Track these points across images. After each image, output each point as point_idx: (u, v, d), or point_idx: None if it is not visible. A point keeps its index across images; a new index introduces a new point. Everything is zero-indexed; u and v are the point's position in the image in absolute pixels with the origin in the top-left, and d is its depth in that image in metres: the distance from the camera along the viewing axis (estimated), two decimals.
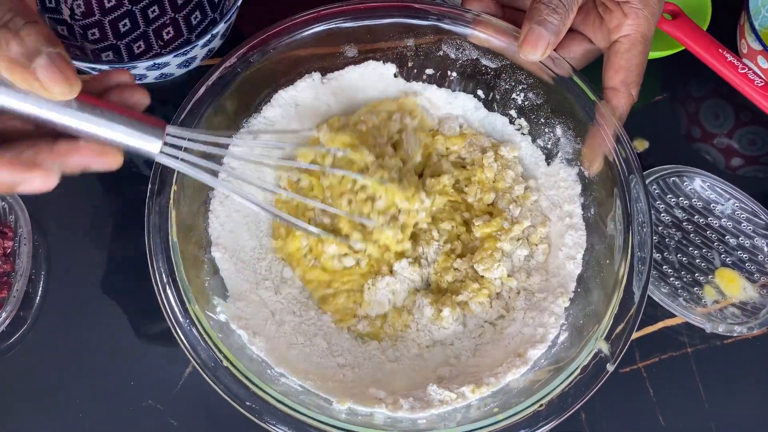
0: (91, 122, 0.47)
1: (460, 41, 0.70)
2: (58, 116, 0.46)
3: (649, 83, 0.84)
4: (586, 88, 0.66)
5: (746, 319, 0.69)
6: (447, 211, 0.69)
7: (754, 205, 0.75)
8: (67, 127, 0.47)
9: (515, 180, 0.70)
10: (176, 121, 0.62)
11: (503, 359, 0.61)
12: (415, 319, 0.65)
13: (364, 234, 0.65)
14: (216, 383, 0.54)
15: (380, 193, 0.64)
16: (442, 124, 0.73)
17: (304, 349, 0.62)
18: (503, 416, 0.54)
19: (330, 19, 0.68)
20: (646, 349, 0.70)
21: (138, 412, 0.65)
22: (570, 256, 0.66)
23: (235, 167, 0.66)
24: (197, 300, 0.57)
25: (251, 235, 0.67)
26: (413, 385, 0.61)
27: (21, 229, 0.68)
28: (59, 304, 0.69)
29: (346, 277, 0.66)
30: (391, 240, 0.65)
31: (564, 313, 0.63)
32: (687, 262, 0.73)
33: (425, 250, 0.67)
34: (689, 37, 0.75)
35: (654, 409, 0.67)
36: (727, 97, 0.83)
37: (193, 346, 0.55)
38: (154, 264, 0.57)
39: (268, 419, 0.53)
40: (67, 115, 0.46)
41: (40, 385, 0.65)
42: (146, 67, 0.68)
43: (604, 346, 0.57)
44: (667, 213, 0.75)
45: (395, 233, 0.65)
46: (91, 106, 0.47)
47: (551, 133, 0.70)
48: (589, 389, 0.55)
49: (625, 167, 0.63)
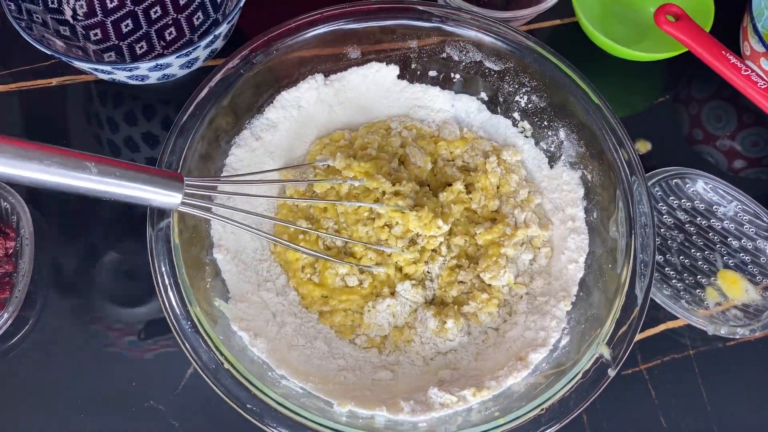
0: (113, 186, 0.51)
1: (463, 43, 0.70)
2: (82, 184, 0.50)
3: (651, 85, 0.84)
4: (589, 91, 0.66)
5: (748, 322, 0.69)
6: (462, 224, 0.68)
7: (757, 207, 0.74)
8: (90, 190, 0.50)
9: (519, 184, 0.70)
10: (178, 121, 0.62)
11: (504, 363, 0.61)
12: (419, 332, 0.64)
13: (379, 256, 0.65)
14: (217, 385, 0.54)
15: (396, 219, 0.64)
16: (442, 129, 0.73)
17: (305, 351, 0.63)
18: (504, 420, 0.54)
19: (333, 21, 0.68)
20: (649, 352, 0.70)
21: (139, 413, 0.65)
22: (572, 260, 0.66)
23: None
24: (199, 302, 0.58)
25: (253, 237, 0.67)
26: (414, 388, 0.61)
27: (23, 229, 0.68)
28: (61, 304, 0.69)
29: (345, 296, 0.65)
30: (410, 262, 0.65)
31: (566, 317, 0.63)
32: (689, 264, 0.72)
33: (431, 266, 0.67)
34: (692, 38, 0.75)
35: (656, 411, 0.67)
36: (729, 99, 0.83)
37: (194, 347, 0.55)
38: (156, 266, 0.57)
39: (269, 422, 0.53)
40: (90, 183, 0.50)
41: (42, 386, 0.65)
42: (148, 67, 0.68)
43: (606, 351, 0.57)
44: (669, 215, 0.74)
45: (414, 257, 0.65)
46: (110, 169, 0.50)
47: (554, 136, 0.70)
48: (590, 394, 0.55)
49: (628, 169, 0.63)
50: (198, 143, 0.63)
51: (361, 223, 0.65)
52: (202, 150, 0.64)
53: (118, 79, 0.71)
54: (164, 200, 0.54)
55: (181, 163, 0.61)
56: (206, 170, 0.65)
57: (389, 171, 0.67)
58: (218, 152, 0.67)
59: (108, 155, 0.75)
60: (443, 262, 0.67)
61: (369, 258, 0.65)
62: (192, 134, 0.62)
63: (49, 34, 0.73)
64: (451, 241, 0.67)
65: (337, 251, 0.66)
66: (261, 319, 0.63)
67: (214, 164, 0.66)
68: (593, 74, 0.68)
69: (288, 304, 0.65)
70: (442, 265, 0.67)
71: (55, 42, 0.73)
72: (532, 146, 0.72)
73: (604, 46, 0.80)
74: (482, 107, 0.74)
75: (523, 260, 0.67)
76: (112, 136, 0.77)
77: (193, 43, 0.69)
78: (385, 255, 0.65)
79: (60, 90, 0.79)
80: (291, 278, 0.66)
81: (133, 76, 0.70)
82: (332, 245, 0.67)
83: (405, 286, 0.65)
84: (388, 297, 0.65)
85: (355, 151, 0.69)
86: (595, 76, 0.68)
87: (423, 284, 0.66)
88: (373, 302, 0.65)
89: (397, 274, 0.66)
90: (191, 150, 0.62)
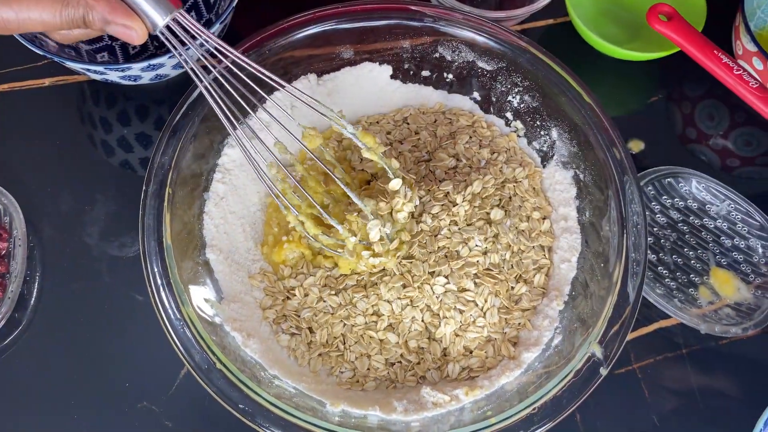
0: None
1: (456, 43, 0.70)
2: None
3: (644, 84, 0.85)
4: (581, 91, 0.66)
5: (741, 320, 0.69)
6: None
7: (749, 206, 0.75)
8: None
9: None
10: (171, 122, 0.62)
11: (497, 362, 0.61)
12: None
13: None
14: (209, 385, 0.54)
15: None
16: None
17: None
18: (496, 419, 0.54)
19: (326, 21, 0.68)
20: (642, 351, 0.70)
21: (133, 414, 0.65)
22: (565, 259, 0.66)
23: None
24: (191, 302, 0.58)
25: (246, 237, 0.67)
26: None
27: (16, 230, 0.68)
28: (54, 305, 0.69)
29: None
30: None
31: (558, 316, 0.63)
32: (682, 263, 0.73)
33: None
34: (684, 38, 0.75)
35: (649, 410, 0.68)
36: (722, 98, 0.83)
37: (187, 348, 0.55)
38: (148, 266, 0.57)
39: (261, 422, 0.53)
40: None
41: (35, 387, 0.65)
42: (141, 68, 0.68)
43: (598, 350, 0.57)
44: (662, 214, 0.75)
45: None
46: None
47: (547, 135, 0.70)
48: (582, 393, 0.55)
49: (620, 169, 0.63)
50: (190, 143, 0.63)
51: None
52: (194, 150, 0.64)
53: (111, 80, 0.71)
54: (149, 11, 0.56)
55: (173, 162, 0.61)
56: (198, 170, 0.65)
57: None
58: (211, 152, 0.67)
59: (101, 156, 0.75)
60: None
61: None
62: (184, 134, 0.62)
63: (42, 34, 0.73)
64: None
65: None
66: (254, 320, 0.63)
67: (207, 164, 0.66)
68: (586, 74, 0.68)
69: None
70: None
71: (48, 42, 0.72)
72: (525, 146, 0.72)
73: (597, 45, 0.80)
74: (475, 107, 0.74)
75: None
76: (105, 137, 0.77)
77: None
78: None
79: (53, 90, 0.79)
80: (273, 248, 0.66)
81: (125, 76, 0.70)
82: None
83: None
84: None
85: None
86: (588, 75, 0.68)
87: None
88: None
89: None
90: (183, 150, 0.62)
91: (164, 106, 0.78)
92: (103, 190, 0.74)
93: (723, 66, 0.74)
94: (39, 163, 0.75)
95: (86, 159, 0.76)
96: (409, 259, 0.64)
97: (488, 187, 0.67)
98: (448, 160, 0.69)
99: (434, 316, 0.63)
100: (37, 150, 0.76)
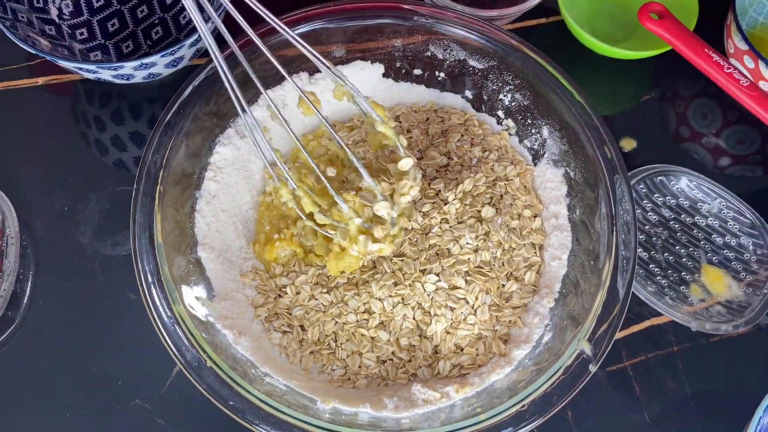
0: None
1: (448, 42, 0.70)
2: None
3: (637, 82, 0.85)
4: (572, 89, 0.66)
5: (732, 318, 0.70)
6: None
7: (741, 204, 0.75)
8: None
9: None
10: (162, 120, 0.63)
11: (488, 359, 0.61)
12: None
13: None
14: (199, 383, 0.55)
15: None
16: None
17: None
18: (486, 416, 0.55)
19: (317, 19, 0.68)
20: (633, 348, 0.70)
21: (126, 412, 0.65)
22: (555, 257, 0.66)
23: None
24: (182, 300, 0.58)
25: (238, 235, 0.67)
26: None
27: (9, 228, 0.68)
28: (47, 304, 0.69)
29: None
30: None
31: (549, 313, 0.63)
32: (673, 261, 0.73)
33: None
34: (675, 36, 0.75)
35: (640, 407, 0.68)
36: (715, 96, 0.83)
37: (178, 346, 0.56)
38: (139, 264, 0.57)
39: (252, 419, 0.54)
40: None
41: (28, 385, 0.65)
42: (134, 66, 0.68)
43: (587, 347, 0.57)
44: (654, 212, 0.75)
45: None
46: None
47: (538, 134, 0.70)
48: (572, 389, 0.56)
49: (610, 167, 0.63)
50: (182, 141, 0.63)
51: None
52: (186, 148, 0.64)
53: (104, 78, 0.71)
54: None
55: (165, 161, 0.61)
56: (190, 168, 0.65)
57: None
58: (203, 150, 0.67)
59: (95, 155, 0.76)
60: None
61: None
62: (176, 132, 0.62)
63: (35, 34, 0.73)
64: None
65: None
66: (245, 317, 0.63)
67: (199, 162, 0.67)
68: (579, 72, 0.69)
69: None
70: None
71: (41, 41, 0.73)
72: (516, 144, 0.72)
73: (590, 44, 0.81)
74: (467, 105, 0.74)
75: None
76: (99, 135, 0.77)
77: (178, 42, 0.69)
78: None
79: (46, 89, 0.79)
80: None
81: (118, 75, 0.70)
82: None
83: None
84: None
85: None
86: (580, 74, 0.68)
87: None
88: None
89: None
90: (175, 148, 0.62)
91: (158, 104, 0.78)
92: (97, 189, 0.74)
93: (714, 64, 0.74)
94: (32, 162, 0.75)
95: (80, 158, 0.76)
96: (401, 256, 0.64)
97: (479, 185, 0.67)
98: (440, 158, 0.69)
99: (425, 313, 0.63)
100: (31, 149, 0.76)
